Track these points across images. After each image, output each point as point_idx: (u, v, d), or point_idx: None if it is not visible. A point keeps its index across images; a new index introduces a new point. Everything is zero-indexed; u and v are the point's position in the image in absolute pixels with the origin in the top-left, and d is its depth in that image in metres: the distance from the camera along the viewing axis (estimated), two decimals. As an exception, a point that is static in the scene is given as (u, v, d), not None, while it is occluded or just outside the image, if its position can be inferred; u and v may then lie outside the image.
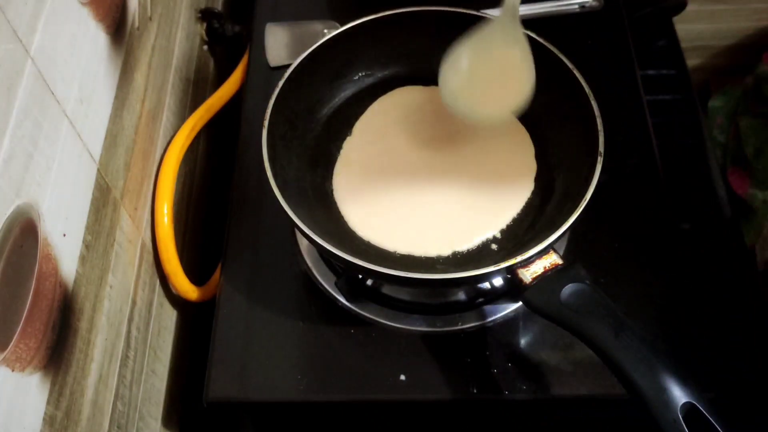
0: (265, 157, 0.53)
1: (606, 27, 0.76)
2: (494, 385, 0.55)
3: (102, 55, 0.53)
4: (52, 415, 0.43)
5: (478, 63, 0.56)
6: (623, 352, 0.42)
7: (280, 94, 0.57)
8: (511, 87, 0.56)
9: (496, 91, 0.57)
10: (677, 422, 0.39)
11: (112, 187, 0.54)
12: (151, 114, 0.64)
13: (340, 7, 0.79)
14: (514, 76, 0.56)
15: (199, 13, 0.81)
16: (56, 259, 0.44)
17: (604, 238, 0.61)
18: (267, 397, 0.56)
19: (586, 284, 0.46)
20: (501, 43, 0.55)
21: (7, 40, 0.39)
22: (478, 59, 0.56)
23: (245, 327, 0.59)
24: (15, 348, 0.39)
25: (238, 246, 0.63)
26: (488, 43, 0.56)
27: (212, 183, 0.83)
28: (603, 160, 0.52)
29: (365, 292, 0.59)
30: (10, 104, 0.40)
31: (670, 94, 0.86)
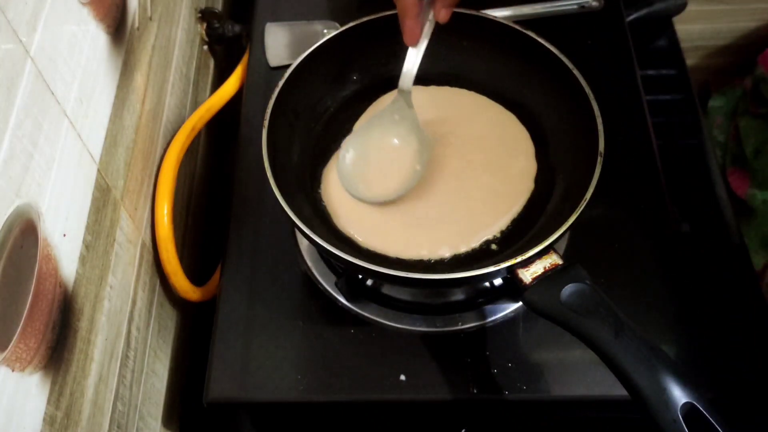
0: (265, 157, 0.53)
1: (606, 27, 0.76)
2: (494, 385, 0.55)
3: (102, 55, 0.53)
4: (52, 415, 0.43)
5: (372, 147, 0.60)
6: (623, 352, 0.42)
7: (280, 94, 0.57)
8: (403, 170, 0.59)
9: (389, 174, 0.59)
10: (677, 422, 0.39)
11: (112, 187, 0.54)
12: (152, 114, 0.64)
13: (340, 7, 0.79)
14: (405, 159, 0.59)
15: (199, 13, 0.81)
16: (56, 259, 0.44)
17: (604, 238, 0.61)
18: (267, 397, 0.56)
19: (586, 284, 0.46)
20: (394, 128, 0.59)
21: (7, 40, 0.39)
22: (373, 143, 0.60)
23: (245, 327, 0.59)
24: (15, 348, 0.39)
25: (238, 246, 0.63)
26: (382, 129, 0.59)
27: (212, 183, 0.83)
28: (603, 160, 0.52)
29: (365, 292, 0.59)
30: (10, 104, 0.40)
31: (670, 94, 0.86)
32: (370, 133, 0.60)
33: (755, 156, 1.03)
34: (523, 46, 0.60)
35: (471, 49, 0.64)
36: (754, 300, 0.73)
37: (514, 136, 0.62)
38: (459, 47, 0.64)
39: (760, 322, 0.71)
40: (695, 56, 1.20)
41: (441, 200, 0.58)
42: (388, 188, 0.58)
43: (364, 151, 0.59)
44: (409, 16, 0.53)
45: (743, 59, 1.15)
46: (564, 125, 0.59)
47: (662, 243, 0.61)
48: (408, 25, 0.54)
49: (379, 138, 0.59)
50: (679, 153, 0.82)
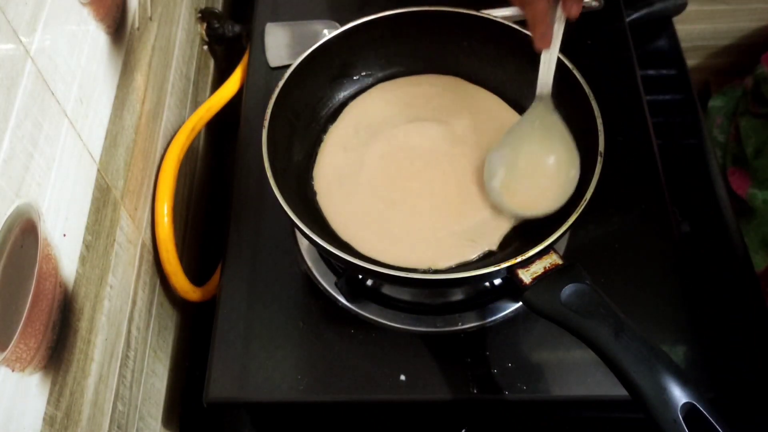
0: (265, 157, 0.53)
1: (606, 27, 0.76)
2: (494, 385, 0.55)
3: (102, 55, 0.53)
4: (52, 415, 0.43)
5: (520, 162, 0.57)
6: (623, 352, 0.42)
7: (281, 95, 0.57)
8: (557, 178, 0.56)
9: (542, 185, 0.56)
10: (677, 422, 0.39)
11: (112, 187, 0.54)
12: (152, 114, 0.64)
13: (340, 7, 0.79)
14: (558, 168, 0.56)
15: (199, 13, 0.81)
16: (56, 259, 0.44)
17: (604, 237, 0.61)
18: (267, 397, 0.56)
19: (586, 284, 0.46)
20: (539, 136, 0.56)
21: (7, 40, 0.39)
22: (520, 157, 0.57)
23: (245, 327, 0.59)
24: (15, 348, 0.39)
25: (238, 246, 0.63)
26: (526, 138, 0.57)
27: (212, 183, 0.83)
28: (603, 160, 0.52)
29: (365, 292, 0.59)
30: (10, 104, 0.40)
31: (670, 94, 0.86)
32: (515, 146, 0.57)
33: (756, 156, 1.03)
34: (523, 46, 0.60)
35: (471, 49, 0.64)
36: (754, 300, 0.73)
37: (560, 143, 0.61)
38: (459, 47, 0.64)
39: (760, 323, 0.71)
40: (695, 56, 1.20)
41: (445, 208, 0.57)
42: (548, 199, 0.55)
43: (512, 165, 0.57)
44: (539, 20, 0.51)
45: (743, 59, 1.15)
46: (564, 125, 0.59)
47: (662, 243, 0.61)
48: (539, 30, 0.52)
49: (525, 149, 0.57)
50: (679, 153, 0.82)
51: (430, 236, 0.56)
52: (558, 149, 0.56)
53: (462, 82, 0.65)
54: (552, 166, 0.56)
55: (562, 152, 0.56)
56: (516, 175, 0.57)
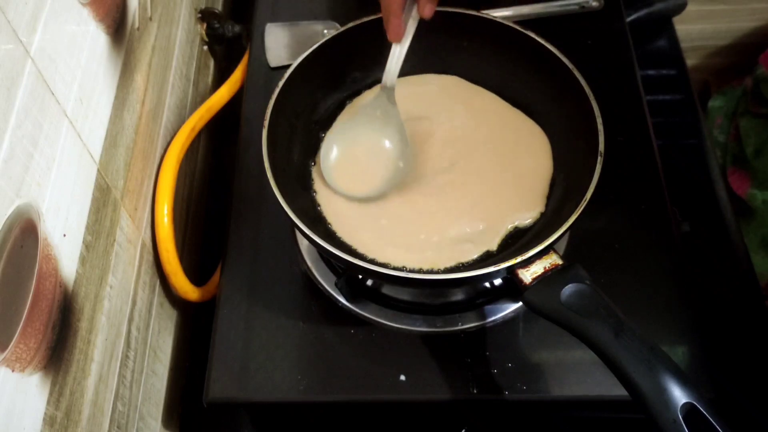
0: (265, 157, 0.53)
1: (606, 27, 0.76)
2: (494, 385, 0.55)
3: (102, 55, 0.53)
4: (52, 415, 0.43)
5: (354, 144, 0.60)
6: (623, 352, 0.42)
7: (281, 95, 0.57)
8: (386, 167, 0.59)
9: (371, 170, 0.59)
10: (677, 422, 0.39)
11: (112, 187, 0.54)
12: (152, 114, 0.64)
13: (339, 7, 0.79)
14: (388, 156, 0.59)
15: (199, 14, 0.81)
16: (56, 259, 0.44)
17: (604, 238, 0.61)
18: (267, 397, 0.56)
19: (586, 284, 0.46)
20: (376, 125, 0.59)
21: (7, 41, 0.39)
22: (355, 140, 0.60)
23: (245, 327, 0.59)
24: (15, 348, 0.39)
25: (238, 246, 0.63)
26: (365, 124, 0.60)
27: (212, 183, 0.83)
28: (603, 160, 0.52)
29: (365, 292, 0.59)
30: (10, 104, 0.40)
31: (670, 94, 0.86)
32: (351, 129, 0.60)
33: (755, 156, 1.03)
34: (523, 47, 0.60)
35: (471, 49, 0.64)
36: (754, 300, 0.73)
37: (528, 132, 0.61)
38: (459, 47, 0.64)
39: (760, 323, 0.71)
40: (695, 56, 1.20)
41: (445, 208, 0.57)
42: (371, 185, 0.58)
43: (345, 147, 0.60)
44: (393, 14, 0.54)
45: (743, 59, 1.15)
46: (564, 125, 0.59)
47: (662, 243, 0.61)
48: (392, 23, 0.54)
49: (361, 134, 0.60)
50: (679, 153, 0.82)
51: (430, 236, 0.56)
52: (392, 139, 0.59)
53: (462, 81, 0.65)
54: (384, 153, 0.59)
55: (395, 143, 0.59)
56: (348, 157, 0.59)
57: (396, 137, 0.59)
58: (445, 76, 0.65)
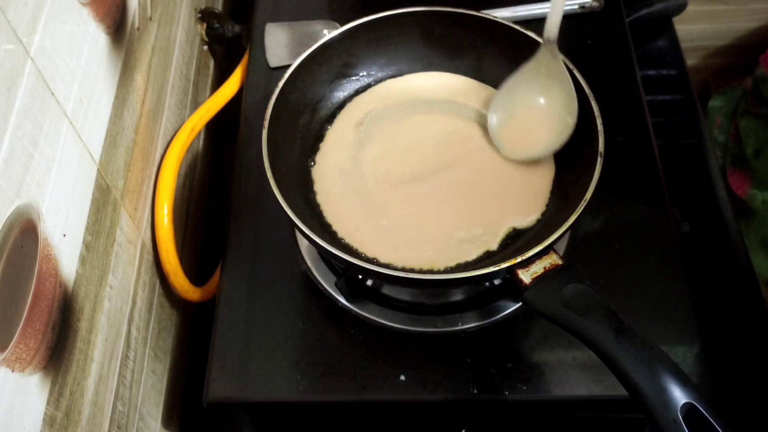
0: (265, 157, 0.53)
1: (606, 27, 0.76)
2: (494, 385, 0.55)
3: (102, 55, 0.53)
4: (52, 415, 0.43)
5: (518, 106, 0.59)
6: (623, 352, 0.42)
7: (281, 95, 0.57)
8: (553, 125, 0.58)
9: (539, 130, 0.59)
10: (677, 422, 0.39)
11: (112, 187, 0.54)
12: (152, 114, 0.64)
13: (339, 7, 0.79)
14: (555, 114, 0.58)
15: (199, 14, 0.81)
16: (56, 259, 0.44)
17: (604, 238, 0.61)
18: (267, 397, 0.56)
19: (586, 284, 0.46)
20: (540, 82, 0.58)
21: (7, 41, 0.39)
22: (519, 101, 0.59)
23: (245, 327, 0.59)
24: (15, 348, 0.39)
25: (238, 246, 0.63)
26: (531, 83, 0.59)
27: (212, 183, 0.83)
28: (603, 161, 0.52)
29: (365, 292, 0.59)
30: (10, 104, 0.40)
31: (670, 95, 0.86)
32: (517, 90, 0.59)
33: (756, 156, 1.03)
34: (523, 47, 0.60)
35: (471, 49, 0.64)
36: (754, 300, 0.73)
37: None
38: (459, 47, 0.64)
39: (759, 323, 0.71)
40: (695, 56, 1.20)
41: (445, 208, 0.57)
42: (543, 144, 0.58)
43: (512, 111, 0.59)
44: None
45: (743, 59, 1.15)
46: (564, 125, 0.59)
47: (662, 243, 0.61)
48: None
49: (527, 94, 0.59)
50: (679, 153, 0.82)
51: (430, 236, 0.56)
52: (559, 96, 0.58)
53: (465, 79, 0.65)
54: (551, 112, 0.58)
55: (563, 99, 0.57)
56: (515, 118, 0.59)
57: (563, 93, 0.57)
58: (446, 74, 0.65)
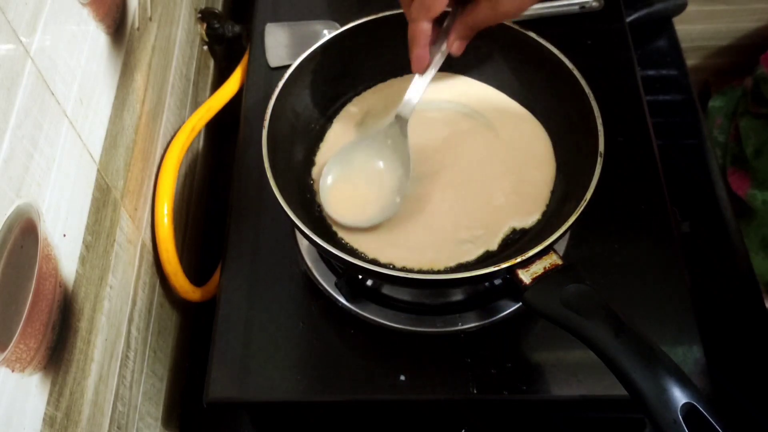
0: (265, 158, 0.53)
1: (606, 27, 0.76)
2: (494, 385, 0.55)
3: (102, 55, 0.53)
4: (52, 415, 0.43)
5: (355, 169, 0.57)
6: (623, 352, 0.42)
7: (281, 95, 0.57)
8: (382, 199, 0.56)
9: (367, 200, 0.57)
10: (677, 423, 0.39)
11: (112, 187, 0.54)
12: (152, 114, 0.64)
13: (339, 7, 0.79)
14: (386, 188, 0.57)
15: (199, 14, 0.81)
16: (56, 259, 0.44)
17: (604, 238, 0.61)
18: (267, 397, 0.56)
19: (586, 285, 0.46)
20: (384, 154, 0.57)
21: (7, 41, 0.39)
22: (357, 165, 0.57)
23: (245, 327, 0.59)
24: (15, 348, 0.39)
25: (238, 246, 0.63)
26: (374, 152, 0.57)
27: (212, 183, 0.83)
28: (603, 161, 0.52)
29: (365, 292, 0.59)
30: (10, 104, 0.40)
31: (670, 95, 0.86)
32: (357, 153, 0.58)
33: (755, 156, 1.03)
34: (522, 47, 0.60)
35: (470, 49, 0.64)
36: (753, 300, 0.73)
37: (533, 129, 0.61)
38: (459, 47, 0.64)
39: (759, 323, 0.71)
40: (695, 56, 1.20)
41: (445, 208, 0.57)
42: (364, 215, 0.56)
43: (347, 172, 0.57)
44: (418, 44, 0.51)
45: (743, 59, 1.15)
46: (564, 125, 0.59)
47: (662, 243, 0.61)
48: (416, 53, 0.51)
49: (365, 160, 0.57)
50: (679, 153, 0.82)
51: (430, 236, 0.56)
52: (395, 172, 0.56)
53: (462, 79, 0.65)
54: (384, 185, 0.57)
55: (398, 176, 0.56)
56: (347, 182, 0.57)
57: (399, 171, 0.57)
58: (447, 74, 0.65)
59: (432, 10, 0.49)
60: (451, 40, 0.51)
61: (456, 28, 0.51)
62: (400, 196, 0.56)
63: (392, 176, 0.57)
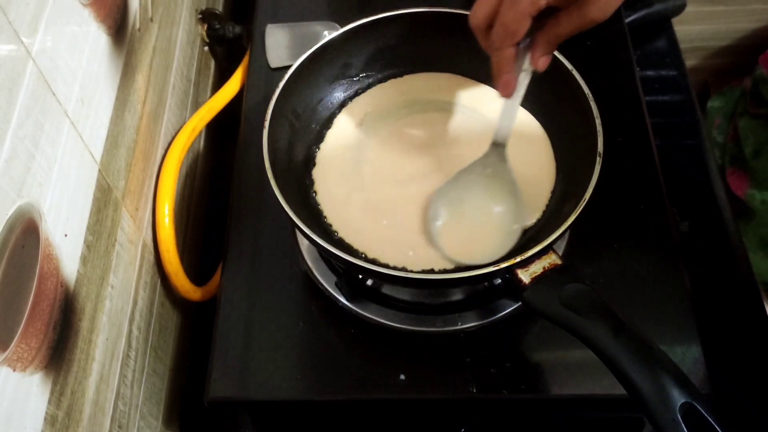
0: (266, 158, 0.54)
1: (605, 28, 0.76)
2: (493, 385, 0.55)
3: (103, 55, 0.53)
4: (53, 414, 0.43)
5: (462, 207, 0.56)
6: (622, 352, 0.42)
7: (281, 95, 0.58)
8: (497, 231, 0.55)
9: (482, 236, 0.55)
10: (676, 422, 0.40)
11: (114, 187, 0.54)
12: (152, 115, 0.64)
13: (339, 8, 0.79)
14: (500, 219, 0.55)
15: (200, 14, 0.81)
16: (58, 259, 0.44)
17: (604, 238, 0.62)
18: (267, 396, 0.56)
19: (585, 284, 0.46)
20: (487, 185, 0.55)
21: (8, 41, 0.40)
22: (463, 202, 0.56)
23: (245, 327, 0.59)
24: (16, 348, 0.39)
25: (239, 246, 0.63)
26: (475, 184, 0.56)
27: (213, 183, 0.83)
28: (602, 161, 0.52)
29: (365, 292, 0.59)
30: (11, 105, 0.40)
31: (669, 95, 0.86)
32: (461, 191, 0.56)
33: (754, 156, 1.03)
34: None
35: (470, 49, 0.64)
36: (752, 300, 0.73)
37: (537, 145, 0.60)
38: (459, 48, 0.64)
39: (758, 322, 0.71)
40: (694, 57, 1.20)
41: None
42: (484, 251, 0.53)
43: (456, 211, 0.56)
44: (506, 70, 0.50)
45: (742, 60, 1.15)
46: (563, 126, 0.59)
47: (661, 243, 0.62)
48: (504, 79, 0.50)
49: (471, 196, 0.56)
50: (678, 153, 0.82)
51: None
52: (505, 201, 0.55)
53: (463, 79, 0.65)
54: (495, 217, 0.55)
55: (509, 204, 0.55)
56: (457, 220, 0.55)
57: (509, 198, 0.55)
58: (446, 75, 0.66)
59: (517, 35, 0.47)
60: (536, 57, 0.49)
61: (539, 44, 0.49)
62: (517, 223, 0.54)
63: (503, 207, 0.55)
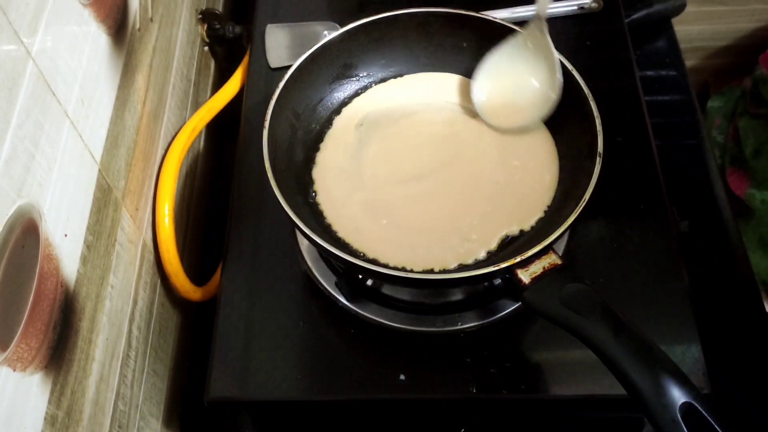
0: (266, 158, 0.54)
1: (605, 28, 0.76)
2: (493, 385, 0.55)
3: (103, 56, 0.53)
4: (53, 414, 0.43)
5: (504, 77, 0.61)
6: (622, 352, 0.42)
7: (281, 95, 0.58)
8: (536, 97, 0.60)
9: (522, 102, 0.61)
10: (676, 422, 0.40)
11: (114, 187, 0.54)
12: (152, 115, 0.64)
13: (340, 8, 0.79)
14: (538, 86, 0.60)
15: (200, 15, 0.81)
16: (57, 259, 0.45)
17: (604, 237, 0.62)
18: (267, 396, 0.56)
19: (585, 284, 0.46)
20: (527, 56, 0.60)
21: (8, 41, 0.40)
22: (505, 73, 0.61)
23: (246, 327, 0.59)
24: (16, 348, 0.39)
25: (239, 246, 0.63)
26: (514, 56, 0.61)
27: (213, 183, 0.83)
28: (602, 161, 0.52)
29: (365, 292, 0.59)
30: (11, 105, 0.40)
31: (669, 95, 0.86)
32: (503, 62, 0.61)
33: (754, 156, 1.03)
34: (522, 47, 0.60)
35: (471, 49, 0.64)
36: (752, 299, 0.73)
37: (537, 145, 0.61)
38: (459, 48, 0.64)
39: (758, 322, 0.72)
40: (694, 57, 1.20)
41: (445, 208, 0.57)
42: (524, 115, 0.60)
43: (496, 81, 0.61)
44: None
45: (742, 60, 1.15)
46: (563, 126, 0.59)
47: (661, 243, 0.62)
48: None
49: (512, 66, 0.61)
50: (678, 153, 0.82)
51: (431, 236, 0.56)
52: (543, 70, 0.59)
53: (463, 79, 0.65)
54: (534, 84, 0.60)
55: (546, 73, 0.59)
56: (499, 89, 0.61)
57: (546, 68, 0.59)
58: (446, 74, 0.66)
59: None
60: None
61: None
62: (553, 91, 0.58)
63: (541, 75, 0.59)
